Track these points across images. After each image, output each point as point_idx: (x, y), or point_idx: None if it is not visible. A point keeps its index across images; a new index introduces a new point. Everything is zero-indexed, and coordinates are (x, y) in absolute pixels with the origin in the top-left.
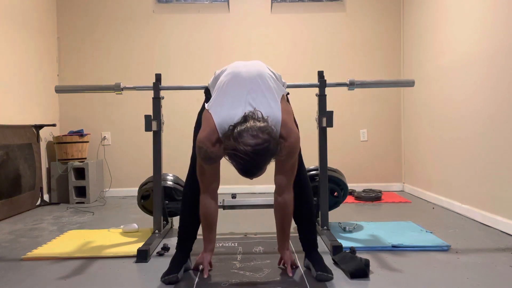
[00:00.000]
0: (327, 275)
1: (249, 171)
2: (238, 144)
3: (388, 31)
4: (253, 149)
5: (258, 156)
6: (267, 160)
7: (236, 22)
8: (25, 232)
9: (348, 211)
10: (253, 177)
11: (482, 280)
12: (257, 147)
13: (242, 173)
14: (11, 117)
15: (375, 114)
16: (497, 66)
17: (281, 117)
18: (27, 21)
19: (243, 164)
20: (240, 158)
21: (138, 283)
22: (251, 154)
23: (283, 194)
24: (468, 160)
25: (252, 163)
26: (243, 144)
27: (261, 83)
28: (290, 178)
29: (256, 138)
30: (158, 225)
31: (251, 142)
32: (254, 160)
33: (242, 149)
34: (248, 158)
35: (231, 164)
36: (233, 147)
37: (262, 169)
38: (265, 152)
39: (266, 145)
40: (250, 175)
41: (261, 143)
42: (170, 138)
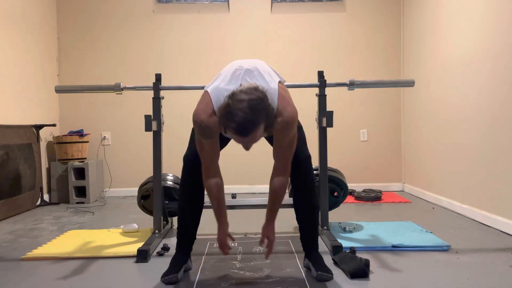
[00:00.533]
0: (327, 275)
1: (245, 128)
2: (232, 101)
3: (388, 31)
4: (248, 104)
5: (253, 111)
6: (262, 117)
7: (236, 22)
8: (25, 232)
9: (348, 211)
10: (248, 138)
11: (482, 280)
12: (251, 102)
13: (237, 132)
14: (11, 117)
15: (375, 114)
16: (498, 65)
17: (278, 91)
18: (27, 21)
19: (237, 121)
20: (235, 115)
21: (138, 283)
22: (245, 109)
23: (278, 176)
24: (468, 160)
25: (247, 119)
26: (237, 101)
27: (259, 67)
28: (287, 158)
29: (250, 95)
30: (158, 225)
31: (245, 97)
32: (248, 115)
33: (236, 106)
34: (242, 114)
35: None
36: (227, 105)
37: (257, 128)
38: (260, 108)
39: (260, 101)
40: (245, 133)
41: (255, 98)
42: (170, 138)
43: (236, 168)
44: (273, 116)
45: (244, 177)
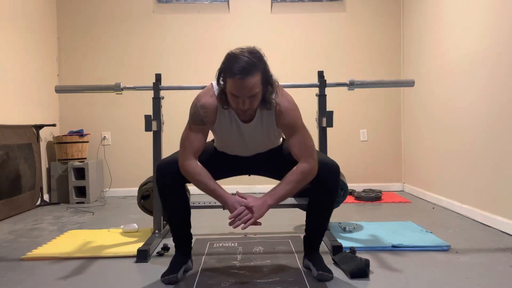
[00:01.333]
0: (327, 275)
1: (244, 68)
2: (233, 50)
3: (388, 31)
4: (248, 50)
5: (252, 55)
6: (260, 64)
7: (236, 22)
8: (25, 232)
9: (348, 211)
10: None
11: (482, 280)
12: (251, 49)
13: (238, 71)
14: (11, 117)
15: (375, 114)
16: (498, 65)
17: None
18: (27, 21)
19: (238, 62)
20: (235, 57)
21: (138, 283)
22: (245, 53)
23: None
24: (468, 160)
25: (247, 61)
26: (237, 49)
27: None
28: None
29: (249, 48)
30: (158, 225)
31: (244, 47)
32: (248, 57)
33: (236, 52)
34: (242, 57)
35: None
36: (227, 54)
37: (256, 71)
38: (259, 55)
39: (258, 52)
40: (245, 72)
41: (253, 48)
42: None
43: None
44: (269, 74)
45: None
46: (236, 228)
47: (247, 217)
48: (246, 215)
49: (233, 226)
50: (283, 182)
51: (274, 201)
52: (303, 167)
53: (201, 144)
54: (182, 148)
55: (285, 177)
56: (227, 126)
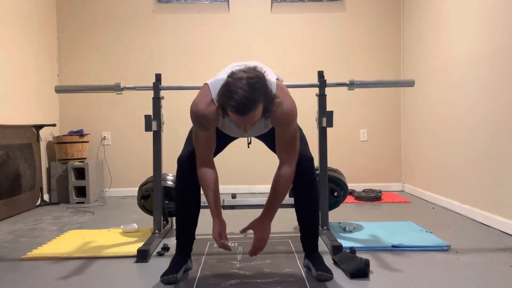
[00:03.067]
0: (327, 275)
1: (244, 106)
2: (232, 79)
3: (388, 31)
4: (247, 82)
5: (252, 88)
6: (261, 96)
7: (236, 22)
8: (25, 232)
9: (348, 211)
10: (247, 117)
11: (482, 280)
12: (250, 80)
13: (236, 110)
14: (11, 117)
15: (375, 114)
16: (498, 66)
17: (277, 84)
18: (27, 21)
19: (237, 100)
20: (234, 93)
21: (138, 283)
22: (244, 86)
23: (282, 167)
24: (468, 160)
25: (246, 97)
26: (236, 79)
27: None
28: (291, 152)
29: (249, 73)
30: (158, 225)
31: (244, 75)
32: (247, 93)
33: (235, 84)
34: (241, 92)
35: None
36: (226, 84)
37: (256, 107)
38: (259, 86)
39: (258, 79)
40: (244, 111)
41: (253, 77)
42: (170, 138)
43: (236, 168)
44: (271, 98)
45: (244, 177)
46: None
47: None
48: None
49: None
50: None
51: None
52: (287, 173)
53: (212, 143)
54: (197, 151)
55: (275, 189)
56: (227, 124)
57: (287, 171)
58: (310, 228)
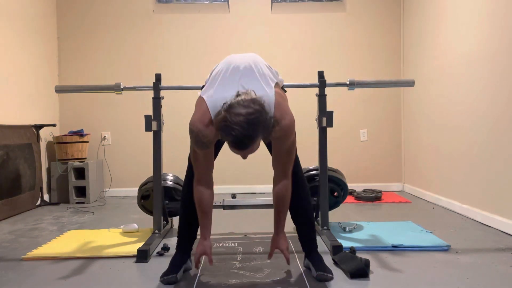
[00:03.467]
0: (327, 275)
1: (242, 142)
2: (230, 115)
3: (388, 31)
4: (245, 119)
5: (250, 126)
6: (259, 131)
7: (236, 22)
8: (25, 232)
9: (348, 211)
10: (246, 151)
11: (482, 280)
12: (249, 117)
13: (235, 146)
14: (11, 117)
15: (375, 114)
16: (498, 65)
17: (275, 99)
18: (27, 21)
19: (235, 135)
20: (232, 129)
21: (138, 283)
22: (243, 124)
23: (280, 181)
24: (468, 160)
25: (244, 134)
26: (235, 115)
27: (255, 69)
28: (286, 164)
29: (248, 108)
30: (158, 225)
31: (243, 111)
32: (246, 130)
33: (233, 120)
34: (240, 129)
35: (224, 140)
36: (224, 118)
37: (254, 142)
38: (257, 122)
39: (258, 114)
40: (242, 147)
41: (252, 113)
42: (170, 138)
43: (236, 168)
44: (270, 126)
45: (244, 177)
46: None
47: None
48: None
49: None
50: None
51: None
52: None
53: (211, 162)
54: (196, 172)
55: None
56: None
57: (285, 184)
58: (306, 226)
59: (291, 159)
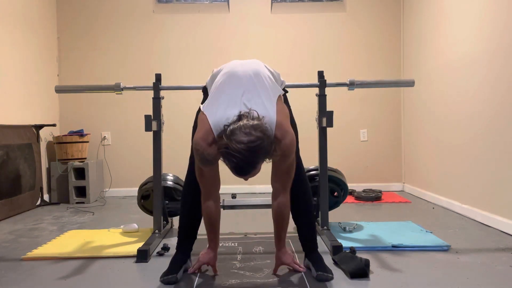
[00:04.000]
0: (327, 275)
1: (243, 169)
2: (231, 142)
3: (388, 31)
4: (246, 147)
5: (252, 153)
6: (260, 158)
7: (236, 22)
8: (25, 232)
9: (348, 211)
10: (247, 176)
11: (482, 280)
12: (250, 145)
13: (236, 172)
14: (11, 117)
15: (375, 114)
16: (498, 66)
17: (276, 119)
18: (27, 21)
19: (236, 162)
20: (233, 157)
21: (138, 283)
22: (244, 152)
23: (279, 197)
24: (468, 160)
25: (245, 161)
26: (236, 142)
27: (257, 83)
28: (286, 181)
29: (249, 136)
30: (158, 225)
31: (244, 139)
32: (247, 158)
33: (235, 147)
34: (241, 156)
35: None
36: (226, 145)
37: (255, 168)
38: (259, 149)
39: (259, 142)
40: (243, 174)
41: (254, 140)
42: (170, 138)
43: None
44: (271, 150)
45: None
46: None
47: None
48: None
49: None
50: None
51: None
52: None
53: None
54: (201, 186)
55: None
56: None
57: (283, 201)
58: (307, 226)
59: (290, 176)
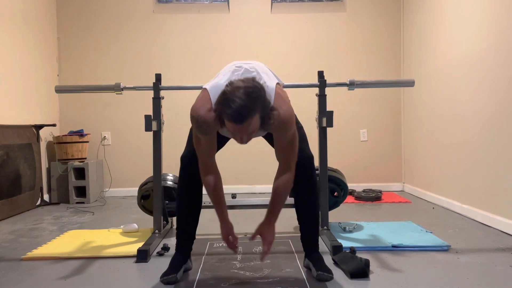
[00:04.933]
0: (328, 275)
1: (240, 114)
2: (229, 88)
3: (388, 31)
4: (244, 91)
5: (249, 97)
6: (258, 106)
7: (236, 22)
8: (25, 232)
9: (348, 211)
10: (243, 126)
11: (482, 280)
12: (248, 89)
13: (233, 118)
14: (11, 117)
15: (375, 114)
16: (497, 66)
17: (275, 91)
18: (27, 21)
19: (233, 108)
20: (230, 101)
21: (138, 283)
22: (242, 95)
23: (283, 173)
24: (468, 160)
25: (243, 105)
26: (234, 88)
27: (258, 68)
28: (289, 157)
29: (247, 83)
30: (158, 225)
31: (241, 84)
32: (244, 102)
33: (232, 92)
34: (238, 100)
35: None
36: (223, 93)
37: (252, 116)
38: (256, 96)
39: (257, 90)
40: (240, 119)
41: (251, 87)
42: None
43: (236, 168)
44: (268, 109)
45: (244, 177)
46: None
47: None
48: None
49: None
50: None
51: (276, 220)
52: (288, 178)
53: (214, 147)
54: (199, 158)
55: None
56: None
57: (287, 175)
58: (310, 228)
59: (293, 150)
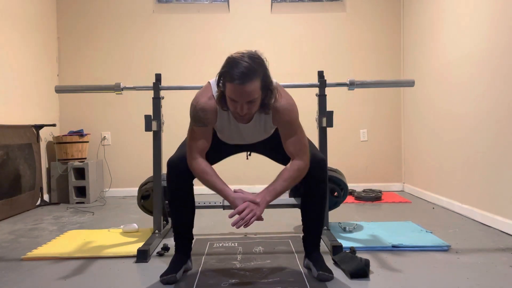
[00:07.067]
0: (328, 275)
1: (244, 73)
2: (234, 54)
3: (388, 31)
4: (249, 56)
5: (253, 61)
6: (260, 69)
7: (236, 22)
8: (25, 232)
9: (348, 211)
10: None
11: (482, 280)
12: (252, 55)
13: (237, 77)
14: (11, 117)
15: (375, 114)
16: (498, 65)
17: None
18: (27, 21)
19: (238, 67)
20: (235, 63)
21: (138, 283)
22: (246, 58)
23: (293, 160)
24: (468, 160)
25: (247, 66)
26: (239, 53)
27: None
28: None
29: (251, 52)
30: (158, 225)
31: (246, 52)
32: (248, 63)
33: (237, 56)
34: (243, 62)
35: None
36: (227, 58)
37: (256, 76)
38: (260, 62)
39: (260, 58)
40: (245, 78)
41: (255, 54)
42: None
43: (236, 168)
44: (269, 81)
45: (244, 177)
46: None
47: (249, 216)
48: (248, 213)
49: (236, 226)
50: (280, 179)
51: (272, 197)
52: (298, 164)
53: (206, 143)
54: (188, 148)
55: (281, 174)
56: (226, 125)
57: (300, 163)
58: (315, 228)
59: (303, 142)
